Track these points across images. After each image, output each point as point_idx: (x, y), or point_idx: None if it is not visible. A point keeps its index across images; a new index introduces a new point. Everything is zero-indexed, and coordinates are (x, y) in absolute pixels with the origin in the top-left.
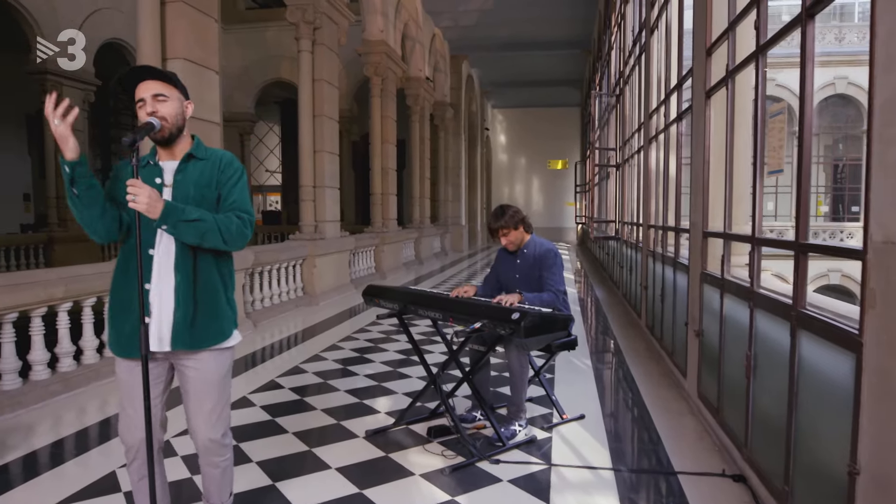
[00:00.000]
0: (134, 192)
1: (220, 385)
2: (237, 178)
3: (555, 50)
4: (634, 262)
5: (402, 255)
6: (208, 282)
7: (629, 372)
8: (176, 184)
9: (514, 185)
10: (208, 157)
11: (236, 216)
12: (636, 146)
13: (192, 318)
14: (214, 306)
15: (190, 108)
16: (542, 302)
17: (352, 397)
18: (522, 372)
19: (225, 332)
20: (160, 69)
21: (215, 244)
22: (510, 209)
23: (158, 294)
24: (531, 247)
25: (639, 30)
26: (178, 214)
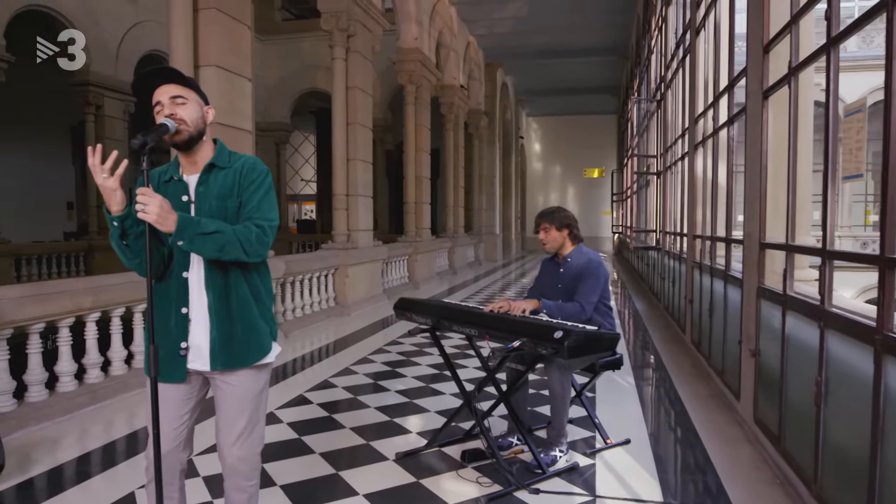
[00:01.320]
0: (143, 201)
1: (256, 402)
2: (259, 182)
3: (590, 57)
4: (678, 274)
5: (435, 265)
6: (242, 297)
7: (675, 392)
8: (198, 197)
9: (548, 194)
10: (231, 165)
11: (255, 224)
12: (680, 152)
13: (230, 336)
14: (251, 322)
15: (211, 113)
16: (563, 312)
17: (382, 415)
18: (564, 394)
19: (264, 347)
20: (176, 71)
21: (236, 256)
22: (563, 211)
23: (196, 316)
24: (576, 257)
25: (682, 31)
26: (194, 227)
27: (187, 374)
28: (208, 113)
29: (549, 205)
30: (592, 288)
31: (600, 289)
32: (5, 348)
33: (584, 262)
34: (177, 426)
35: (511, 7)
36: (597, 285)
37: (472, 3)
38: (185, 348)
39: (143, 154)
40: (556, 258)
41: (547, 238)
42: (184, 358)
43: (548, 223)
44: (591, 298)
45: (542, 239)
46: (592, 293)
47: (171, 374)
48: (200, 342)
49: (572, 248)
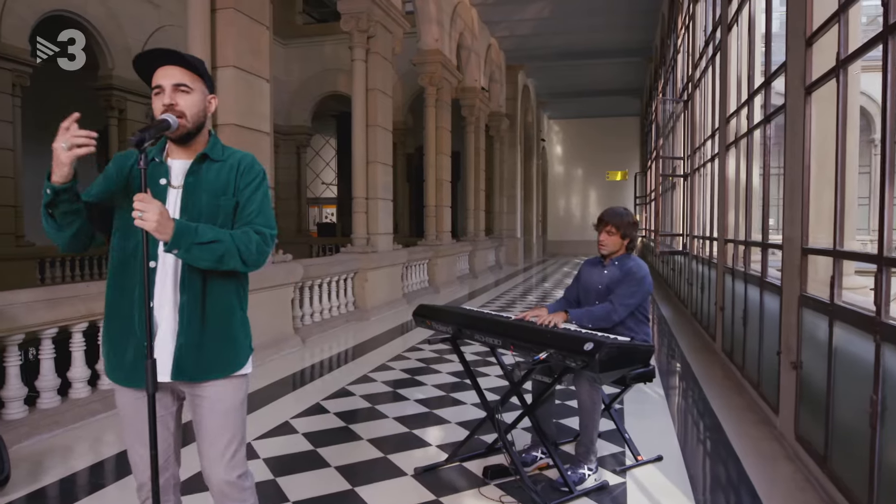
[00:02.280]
0: (142, 208)
1: (236, 416)
2: (258, 183)
3: (613, 58)
4: (707, 280)
5: (456, 269)
6: (222, 301)
7: (708, 404)
8: (186, 188)
9: (570, 197)
10: (225, 159)
11: (255, 231)
12: (709, 154)
13: (198, 345)
14: (228, 332)
15: (214, 103)
16: (591, 317)
17: (401, 426)
18: (593, 409)
19: (239, 360)
20: (180, 54)
21: (234, 267)
22: (631, 216)
23: (159, 314)
24: (624, 261)
25: (712, 28)
26: (192, 236)
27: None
28: (211, 104)
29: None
30: (632, 292)
31: (640, 295)
32: (17, 354)
33: (632, 268)
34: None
35: (533, 8)
36: (637, 291)
37: (493, 5)
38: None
39: (142, 151)
40: (601, 261)
41: (608, 241)
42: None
43: (615, 227)
44: (628, 300)
45: (601, 241)
46: (630, 296)
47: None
48: (161, 345)
49: (623, 254)
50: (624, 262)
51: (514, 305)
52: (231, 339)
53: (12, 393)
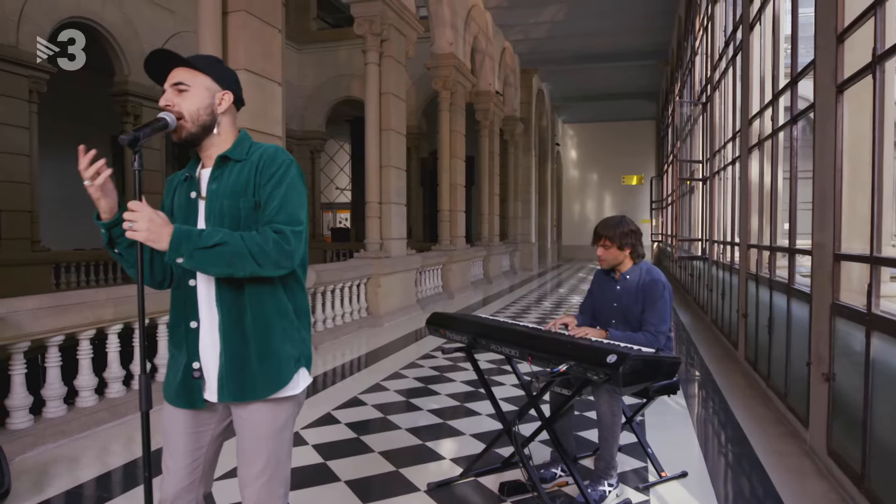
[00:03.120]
0: (131, 217)
1: (275, 442)
2: (280, 175)
3: (628, 61)
4: (728, 286)
5: (470, 274)
6: (262, 316)
7: (732, 415)
8: (209, 196)
9: (585, 202)
10: (248, 157)
11: (274, 230)
12: (730, 156)
13: (241, 363)
14: (269, 346)
15: (226, 99)
16: (633, 342)
17: (413, 438)
18: (614, 422)
19: (282, 377)
20: (170, 53)
21: (250, 271)
22: (627, 224)
23: (206, 334)
24: (635, 274)
25: (733, 28)
26: (193, 241)
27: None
28: (222, 100)
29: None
30: (661, 314)
31: (669, 310)
32: (22, 362)
33: (647, 283)
34: (190, 461)
35: (547, 11)
36: (665, 310)
37: (507, 8)
38: (199, 369)
39: (136, 152)
40: (611, 272)
41: (606, 255)
42: (199, 381)
43: (608, 240)
44: (662, 327)
45: (599, 256)
46: (662, 321)
47: (184, 398)
48: (209, 365)
49: (631, 265)
50: (636, 277)
51: (528, 312)
52: (274, 355)
53: (17, 402)
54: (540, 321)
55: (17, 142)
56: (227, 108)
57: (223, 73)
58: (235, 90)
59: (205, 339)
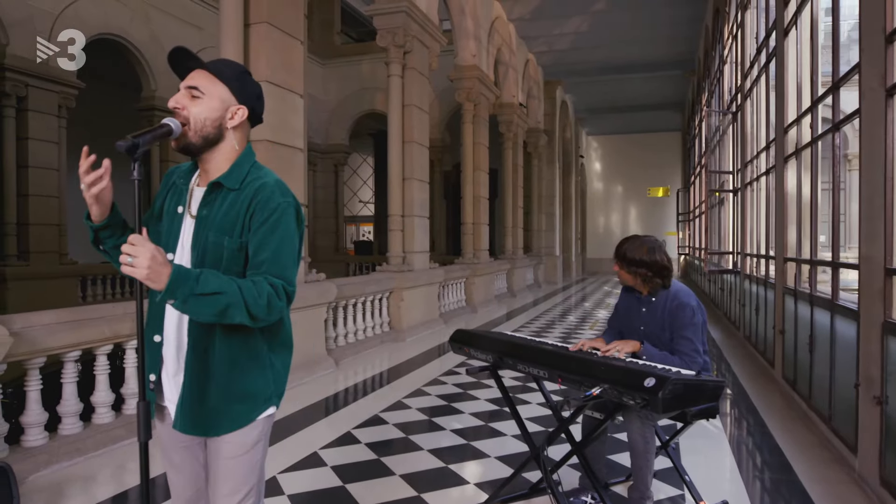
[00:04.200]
0: (131, 251)
1: (244, 464)
2: (274, 222)
3: (653, 72)
4: (763, 301)
5: (493, 288)
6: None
7: (772, 439)
8: (198, 222)
9: (609, 215)
10: (242, 188)
11: (269, 283)
12: (763, 167)
13: (199, 398)
14: (233, 386)
15: (238, 114)
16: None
17: (436, 460)
18: (647, 449)
19: (242, 419)
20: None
21: (240, 321)
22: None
23: (166, 352)
24: (662, 297)
25: (765, 34)
26: (190, 286)
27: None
28: (234, 115)
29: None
30: (693, 342)
31: (702, 334)
32: (38, 378)
33: (674, 308)
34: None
35: (571, 23)
36: (700, 336)
37: (531, 20)
38: (154, 381)
39: (135, 159)
40: (637, 293)
41: (620, 275)
42: (153, 392)
43: (617, 265)
44: (697, 357)
45: (617, 274)
46: (695, 351)
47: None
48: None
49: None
50: (663, 298)
51: (553, 327)
52: (237, 396)
53: (32, 419)
54: (565, 337)
55: (47, 156)
56: (238, 123)
57: (244, 87)
58: (254, 106)
59: (167, 358)
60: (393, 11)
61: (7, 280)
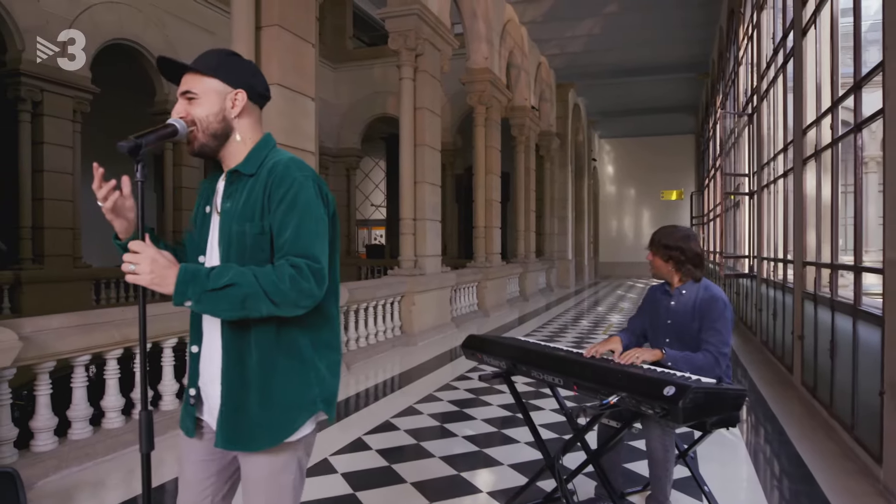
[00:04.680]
0: (132, 259)
1: (274, 488)
2: (292, 198)
3: (667, 74)
4: (780, 305)
5: (506, 292)
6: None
7: (792, 447)
8: (223, 216)
9: (622, 218)
10: (259, 172)
11: (290, 265)
12: (781, 169)
13: (237, 408)
14: (273, 392)
15: (238, 99)
16: (691, 366)
17: (448, 467)
18: (667, 458)
19: (284, 429)
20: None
21: (267, 312)
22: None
23: (209, 359)
24: (692, 289)
25: (782, 35)
26: (201, 283)
27: (197, 428)
28: (235, 100)
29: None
30: (723, 334)
31: (729, 332)
32: (47, 382)
33: (705, 300)
34: (200, 490)
35: (584, 25)
36: (727, 330)
37: (543, 23)
38: (195, 396)
39: (137, 161)
40: (666, 287)
41: (652, 264)
42: (193, 407)
43: (652, 249)
44: (724, 349)
45: (649, 264)
46: (723, 342)
47: (183, 423)
48: (211, 395)
49: (689, 282)
50: (692, 291)
51: (566, 331)
52: (278, 403)
53: (41, 423)
54: (578, 341)
55: (61, 161)
56: (241, 108)
57: (232, 70)
58: (252, 84)
59: (206, 369)
60: (405, 14)
61: (22, 283)
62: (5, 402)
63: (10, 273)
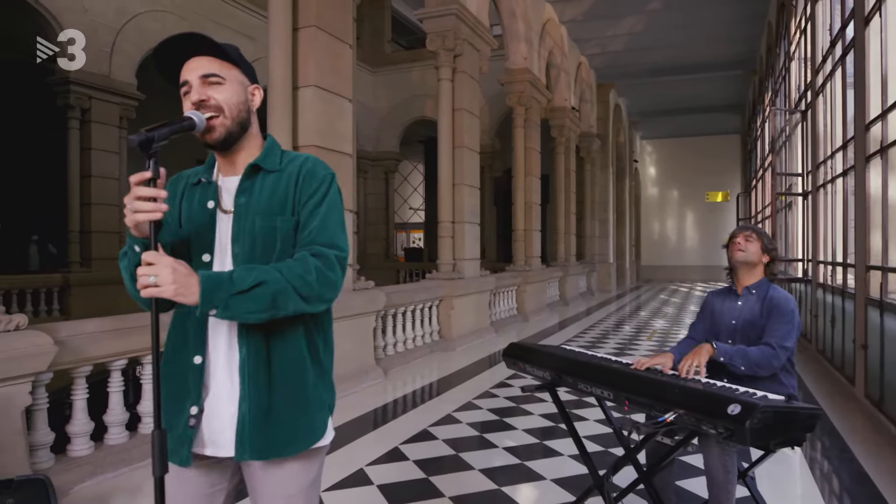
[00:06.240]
0: (149, 272)
1: (305, 499)
2: (322, 194)
3: (711, 73)
4: (839, 312)
5: (545, 296)
6: (293, 356)
7: (859, 465)
8: (238, 211)
9: (665, 221)
10: (283, 168)
11: (313, 254)
12: (840, 167)
13: (267, 413)
14: (301, 393)
15: (258, 94)
16: (746, 360)
17: (487, 481)
18: (728, 480)
19: (317, 428)
20: (206, 38)
21: (295, 310)
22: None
23: (213, 374)
24: (762, 288)
25: (841, 26)
26: (226, 287)
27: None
28: (255, 95)
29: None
30: (787, 331)
31: (795, 335)
32: (84, 387)
33: (775, 298)
34: None
35: (625, 24)
36: (793, 330)
37: (583, 21)
38: (195, 416)
39: (150, 155)
40: (731, 291)
41: (746, 246)
42: (192, 430)
43: (756, 235)
44: (786, 343)
45: (737, 244)
46: (786, 337)
47: (175, 452)
48: (221, 412)
49: (760, 280)
50: (762, 291)
51: (607, 337)
52: (307, 404)
53: (78, 428)
54: (621, 349)
55: (108, 166)
56: (258, 103)
57: (246, 64)
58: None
59: (215, 381)
60: (443, 14)
61: (71, 286)
62: (42, 406)
63: (59, 276)
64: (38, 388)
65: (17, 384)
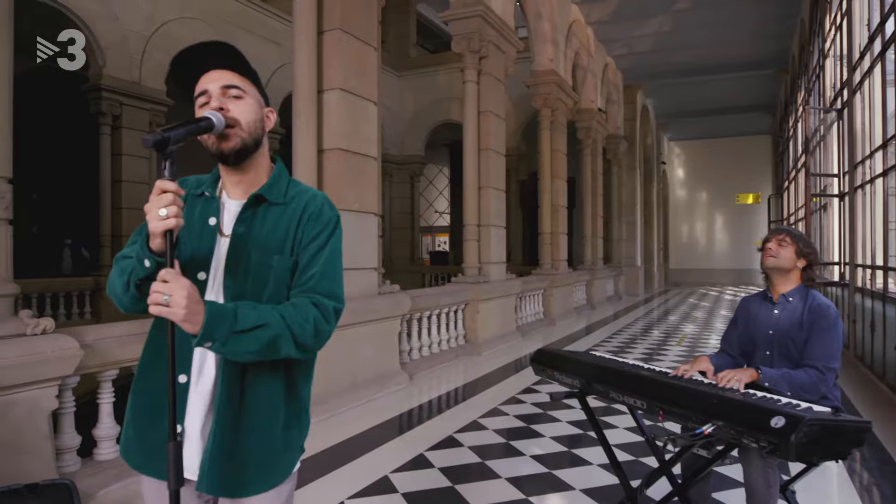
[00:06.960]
0: (164, 290)
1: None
2: (326, 237)
3: (741, 72)
4: (879, 317)
5: (572, 300)
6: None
7: None
8: (235, 240)
9: (693, 223)
10: (288, 202)
11: (313, 303)
12: (879, 167)
13: (230, 454)
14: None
15: (272, 117)
16: (792, 385)
17: (514, 490)
18: (770, 493)
19: (283, 470)
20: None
21: (287, 354)
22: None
23: (200, 397)
24: (800, 296)
25: (880, 20)
26: (229, 323)
27: None
28: (269, 117)
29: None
30: (832, 347)
31: (839, 348)
32: (110, 390)
33: (816, 307)
34: None
35: (652, 24)
36: (837, 345)
37: (610, 22)
38: (181, 433)
39: (166, 157)
40: (767, 296)
41: (779, 251)
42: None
43: (791, 238)
44: (833, 363)
45: (769, 249)
46: (832, 357)
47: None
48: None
49: (797, 286)
50: (799, 298)
51: (635, 342)
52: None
53: (104, 432)
54: (650, 354)
55: (138, 171)
56: (271, 126)
57: (262, 86)
58: None
59: (195, 403)
60: (468, 16)
61: (102, 289)
62: (68, 410)
63: (90, 279)
64: (64, 392)
65: (43, 388)
